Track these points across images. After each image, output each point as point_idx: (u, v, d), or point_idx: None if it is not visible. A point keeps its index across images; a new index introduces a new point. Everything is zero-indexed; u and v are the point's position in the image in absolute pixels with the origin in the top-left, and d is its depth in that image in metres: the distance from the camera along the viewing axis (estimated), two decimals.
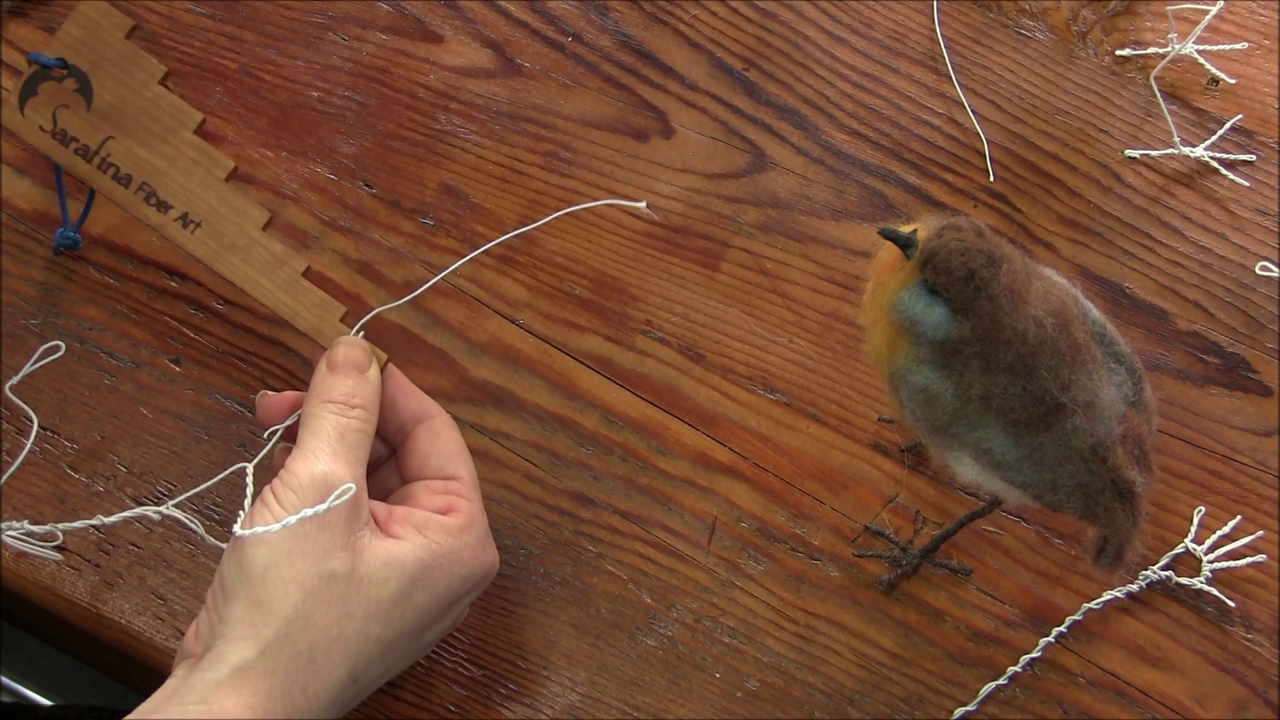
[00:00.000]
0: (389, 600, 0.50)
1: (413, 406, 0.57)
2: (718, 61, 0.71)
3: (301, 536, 0.49)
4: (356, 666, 0.50)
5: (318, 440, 0.52)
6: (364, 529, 0.51)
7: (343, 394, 0.54)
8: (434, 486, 0.55)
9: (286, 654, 0.48)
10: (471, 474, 0.56)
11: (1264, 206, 0.69)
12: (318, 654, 0.48)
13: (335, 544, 0.50)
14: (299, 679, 0.48)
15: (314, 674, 0.48)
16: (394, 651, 0.52)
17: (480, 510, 0.55)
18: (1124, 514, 0.54)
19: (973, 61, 0.71)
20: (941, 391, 0.51)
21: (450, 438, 0.57)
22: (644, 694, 0.60)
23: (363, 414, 0.54)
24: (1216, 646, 0.61)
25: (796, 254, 0.68)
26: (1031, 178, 0.69)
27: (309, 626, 0.48)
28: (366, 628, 0.50)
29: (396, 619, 0.51)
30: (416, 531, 0.52)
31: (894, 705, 0.60)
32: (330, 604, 0.49)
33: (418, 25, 0.71)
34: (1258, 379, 0.66)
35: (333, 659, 0.49)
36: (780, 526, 0.63)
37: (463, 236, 0.68)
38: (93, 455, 0.63)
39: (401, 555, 0.51)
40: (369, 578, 0.50)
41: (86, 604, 0.61)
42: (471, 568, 0.53)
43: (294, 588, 0.48)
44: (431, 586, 0.52)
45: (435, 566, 0.52)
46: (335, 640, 0.49)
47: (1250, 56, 0.71)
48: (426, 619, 0.52)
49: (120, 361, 0.65)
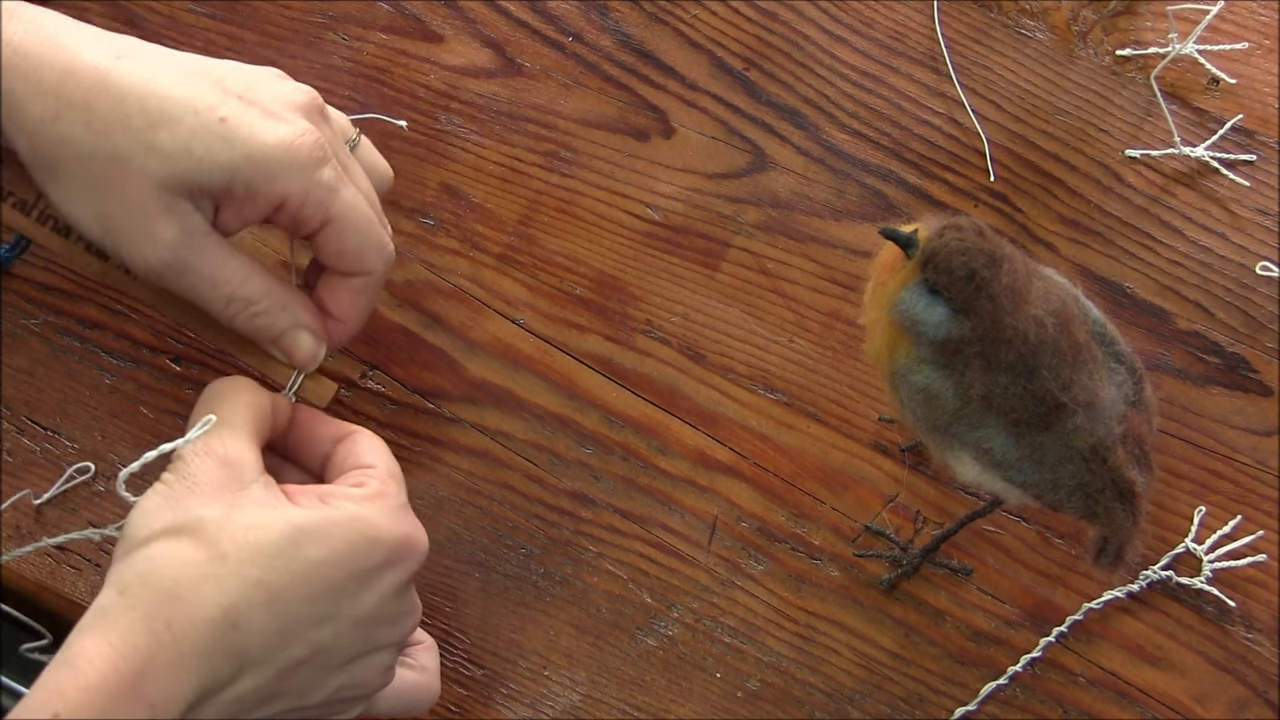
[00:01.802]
0: (270, 545, 0.48)
1: (332, 430, 0.56)
2: (718, 61, 0.71)
3: (168, 495, 0.48)
4: (233, 606, 0.47)
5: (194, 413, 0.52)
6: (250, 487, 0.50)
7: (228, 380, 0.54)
8: (349, 477, 0.53)
9: (148, 590, 0.46)
10: (388, 466, 0.54)
11: (1264, 206, 0.69)
12: (182, 589, 0.46)
13: (207, 496, 0.48)
14: (161, 614, 0.46)
15: (179, 608, 0.46)
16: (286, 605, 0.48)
17: (397, 491, 0.53)
18: (1124, 514, 0.54)
19: (973, 61, 0.71)
20: (942, 391, 0.51)
21: (365, 441, 0.55)
22: (644, 694, 0.60)
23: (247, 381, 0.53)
24: (1217, 646, 0.61)
25: (797, 254, 0.68)
26: (1032, 177, 0.69)
27: (172, 563, 0.47)
28: (242, 569, 0.47)
29: (282, 566, 0.48)
30: (319, 500, 0.50)
31: (894, 705, 0.60)
32: (197, 543, 0.47)
33: (418, 25, 0.71)
34: (1258, 379, 0.66)
35: (201, 594, 0.46)
36: (780, 526, 0.63)
37: (463, 236, 0.68)
38: (93, 455, 0.63)
39: (290, 510, 0.49)
40: (248, 523, 0.48)
41: (86, 604, 0.61)
42: (380, 532, 0.50)
43: (160, 535, 0.47)
44: (328, 543, 0.49)
45: (333, 523, 0.50)
46: (203, 578, 0.47)
47: (1250, 56, 0.71)
48: (330, 580, 0.49)
49: (120, 361, 0.65)
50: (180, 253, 0.52)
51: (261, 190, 0.52)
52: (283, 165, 0.52)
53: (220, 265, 0.53)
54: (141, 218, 0.51)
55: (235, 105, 0.52)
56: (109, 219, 0.51)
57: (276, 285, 0.54)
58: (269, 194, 0.52)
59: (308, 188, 0.52)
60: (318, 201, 0.53)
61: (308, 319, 0.55)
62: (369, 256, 0.55)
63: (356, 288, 0.56)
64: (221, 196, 0.52)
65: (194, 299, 0.53)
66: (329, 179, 0.53)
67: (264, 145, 0.51)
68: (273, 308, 0.54)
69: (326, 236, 0.54)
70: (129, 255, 0.52)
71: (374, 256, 0.55)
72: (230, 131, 0.51)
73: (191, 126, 0.51)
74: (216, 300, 0.53)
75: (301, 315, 0.55)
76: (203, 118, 0.51)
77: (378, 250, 0.55)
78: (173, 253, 0.51)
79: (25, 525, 0.62)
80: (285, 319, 0.55)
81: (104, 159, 0.50)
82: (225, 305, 0.54)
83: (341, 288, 0.56)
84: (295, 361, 0.56)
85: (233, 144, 0.51)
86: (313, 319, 0.56)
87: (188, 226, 0.51)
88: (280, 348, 0.55)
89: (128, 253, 0.52)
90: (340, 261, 0.55)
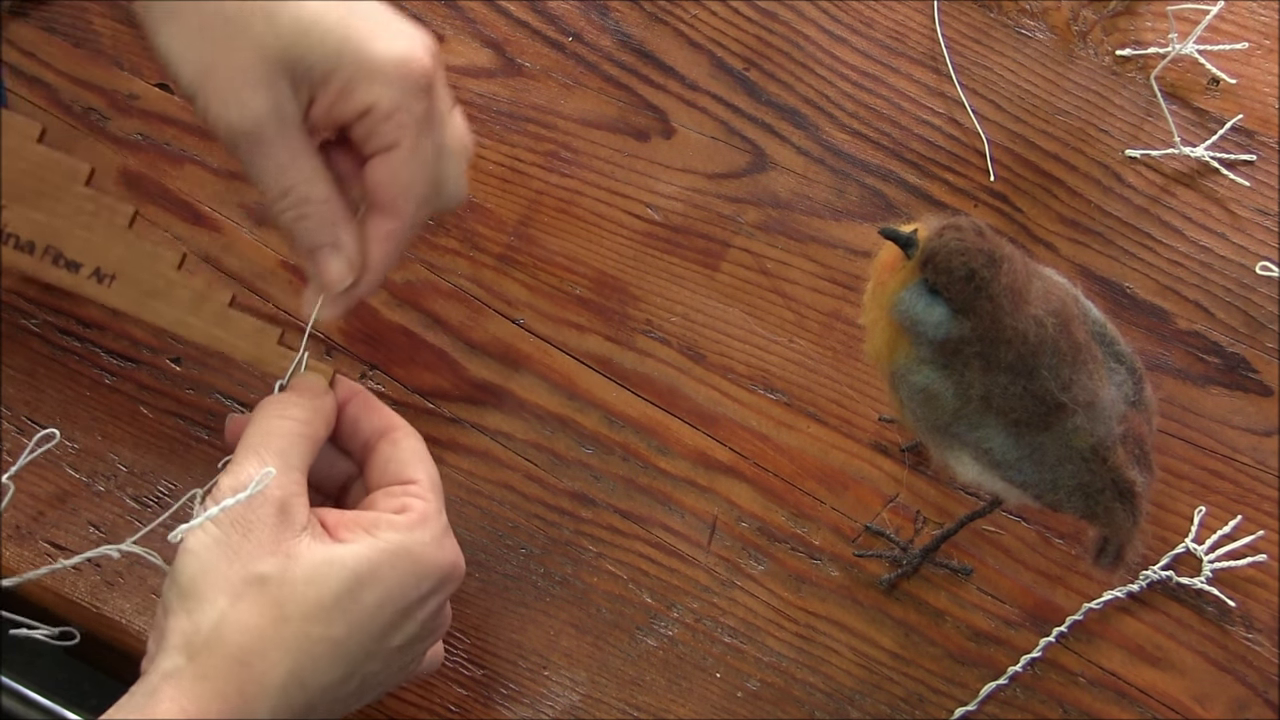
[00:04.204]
0: (330, 599, 0.49)
1: (375, 421, 0.56)
2: (718, 61, 0.71)
3: (225, 544, 0.49)
4: (300, 667, 0.49)
5: (246, 450, 0.51)
6: (301, 533, 0.50)
7: (280, 404, 0.54)
8: (391, 491, 0.54)
9: (217, 657, 0.47)
10: (430, 477, 0.55)
11: (1264, 206, 0.69)
12: (251, 655, 0.48)
13: (263, 549, 0.49)
14: (233, 681, 0.47)
15: (249, 675, 0.48)
16: (348, 653, 0.50)
17: (438, 510, 0.54)
18: (1124, 514, 0.54)
19: (973, 61, 0.71)
20: (942, 391, 0.51)
21: (408, 445, 0.56)
22: (644, 694, 0.60)
23: (301, 413, 0.53)
24: (1217, 646, 0.61)
25: (797, 254, 0.68)
26: (1032, 177, 0.69)
27: (239, 629, 0.48)
28: (306, 628, 0.49)
29: (340, 618, 0.50)
30: (365, 532, 0.51)
31: (894, 705, 0.60)
32: (261, 606, 0.48)
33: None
34: (1258, 379, 0.66)
35: (269, 660, 0.48)
36: (781, 526, 0.63)
37: (463, 236, 0.68)
38: (93, 455, 0.64)
39: (344, 555, 0.50)
40: (306, 579, 0.49)
41: (86, 604, 0.61)
42: (427, 565, 0.52)
43: (221, 593, 0.48)
44: (383, 585, 0.51)
45: (385, 564, 0.51)
46: (270, 641, 0.48)
47: (1251, 56, 0.71)
48: (383, 620, 0.51)
49: (120, 361, 0.65)
50: (265, 127, 0.52)
51: (359, 93, 0.52)
52: (388, 77, 0.52)
53: (294, 155, 0.53)
54: (241, 81, 0.51)
55: (363, 9, 0.53)
56: (210, 72, 0.51)
57: (336, 200, 0.54)
58: (364, 98, 0.52)
59: (400, 105, 0.52)
60: (400, 124, 0.53)
61: (350, 244, 0.55)
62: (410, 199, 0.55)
63: (383, 233, 0.55)
64: (319, 87, 0.52)
65: (256, 179, 0.53)
66: (421, 110, 0.53)
67: (379, 51, 0.52)
68: (324, 219, 0.54)
69: (386, 161, 0.54)
70: (216, 112, 0.52)
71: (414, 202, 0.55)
72: (351, 29, 0.52)
73: (316, 11, 0.51)
74: (275, 187, 0.53)
75: (345, 238, 0.55)
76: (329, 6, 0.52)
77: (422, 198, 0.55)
78: (257, 124, 0.51)
79: (25, 525, 0.62)
80: (329, 234, 0.54)
81: (226, 14, 0.51)
82: (281, 196, 0.53)
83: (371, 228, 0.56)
84: (324, 279, 0.55)
85: (350, 40, 0.51)
86: (354, 247, 0.55)
87: (280, 105, 0.51)
88: (315, 261, 0.55)
89: (216, 110, 0.52)
90: (382, 192, 0.54)
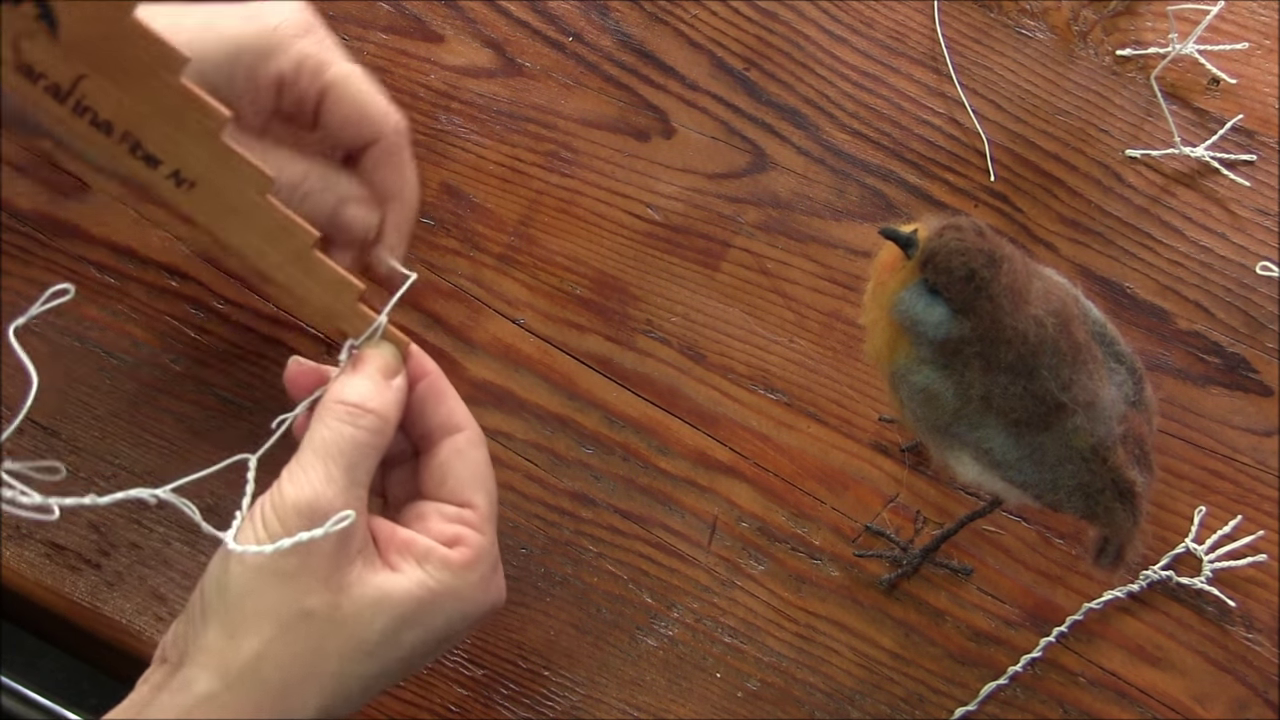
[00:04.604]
0: (373, 640, 0.48)
1: (442, 415, 0.54)
2: (718, 61, 0.71)
3: (281, 568, 0.47)
4: (332, 703, 0.48)
5: (314, 455, 0.49)
6: (355, 560, 0.48)
7: (358, 397, 0.50)
8: (446, 512, 0.52)
9: (254, 689, 0.47)
10: (490, 502, 0.53)
11: (1264, 206, 0.69)
12: (290, 689, 0.47)
13: (317, 579, 0.47)
14: (265, 712, 0.47)
15: (285, 706, 0.47)
16: (376, 685, 0.50)
17: (491, 543, 0.52)
18: (1125, 514, 0.54)
19: (973, 61, 0.71)
20: (942, 391, 0.51)
21: (475, 458, 0.53)
22: (644, 694, 0.60)
23: (375, 422, 0.50)
24: (1217, 646, 0.61)
25: (797, 254, 0.68)
26: (1032, 177, 0.69)
27: (279, 665, 0.47)
28: (344, 667, 0.48)
29: (380, 657, 0.48)
30: (416, 565, 0.49)
31: (894, 705, 0.60)
32: (306, 641, 0.47)
33: (418, 25, 0.71)
34: (1258, 379, 0.66)
35: (305, 695, 0.47)
36: (781, 526, 0.63)
37: (463, 236, 0.68)
38: (93, 455, 0.63)
39: (394, 593, 0.48)
40: (354, 617, 0.48)
41: (87, 604, 0.61)
42: (472, 606, 0.51)
43: (268, 622, 0.47)
44: (426, 624, 0.49)
45: (431, 604, 0.49)
46: (308, 677, 0.47)
47: (1251, 56, 0.71)
48: (416, 655, 0.50)
49: (120, 361, 0.65)
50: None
51: (261, 74, 0.53)
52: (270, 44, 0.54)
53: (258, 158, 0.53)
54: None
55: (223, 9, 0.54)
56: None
57: (315, 165, 0.55)
58: (268, 75, 0.53)
59: (298, 59, 0.54)
60: (311, 71, 0.54)
61: (353, 190, 0.55)
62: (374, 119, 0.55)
63: (378, 158, 0.56)
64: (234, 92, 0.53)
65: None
66: (314, 48, 0.54)
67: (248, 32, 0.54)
68: (314, 187, 0.54)
69: (328, 108, 0.55)
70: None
71: (380, 119, 0.55)
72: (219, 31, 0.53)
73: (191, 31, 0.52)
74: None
75: (346, 187, 0.55)
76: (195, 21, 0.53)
77: (383, 113, 0.56)
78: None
79: (25, 525, 0.62)
80: (329, 196, 0.54)
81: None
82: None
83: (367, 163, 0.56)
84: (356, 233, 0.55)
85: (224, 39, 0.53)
86: (357, 189, 0.56)
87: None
88: (336, 226, 0.55)
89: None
90: (348, 130, 0.55)
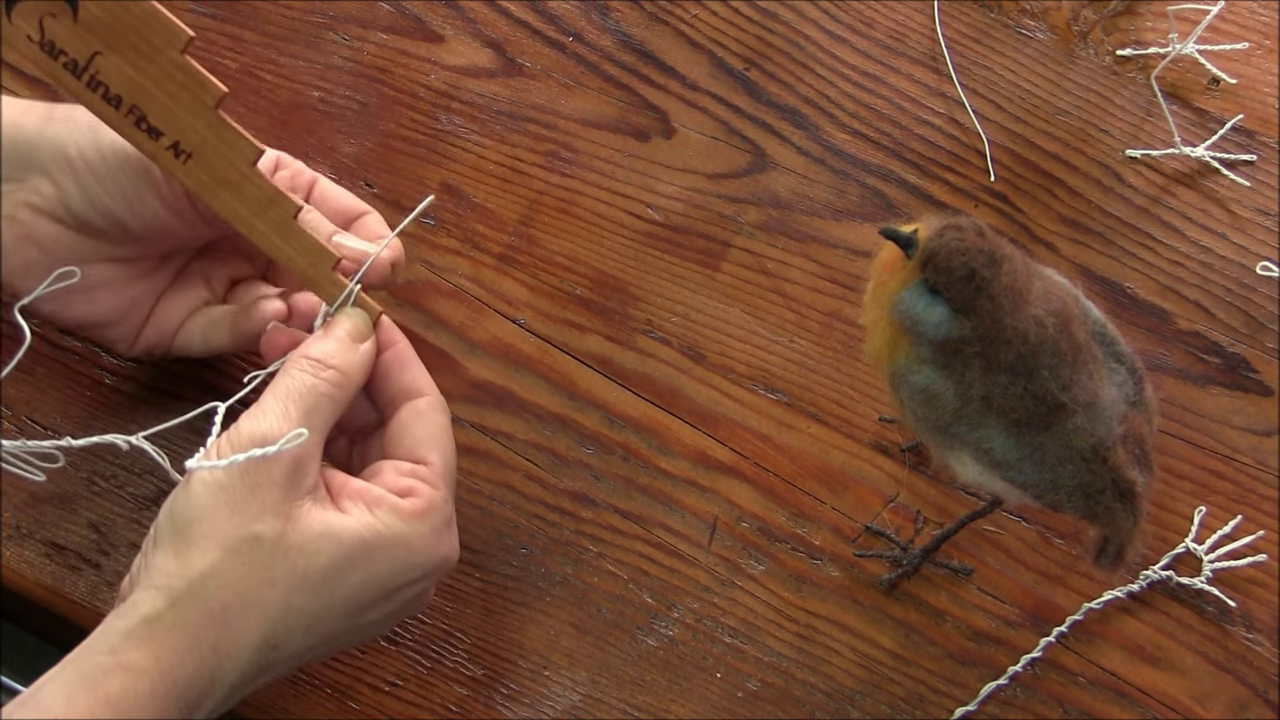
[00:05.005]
0: (317, 573, 0.49)
1: (405, 381, 0.55)
2: (719, 61, 0.71)
3: (231, 494, 0.48)
4: (275, 633, 0.48)
5: (274, 398, 0.51)
6: (305, 497, 0.50)
7: (321, 353, 0.52)
8: (401, 468, 0.53)
9: (198, 610, 0.47)
10: (445, 462, 0.54)
11: (1264, 206, 0.69)
12: (231, 614, 0.47)
13: (266, 508, 0.48)
14: (209, 636, 0.47)
15: (226, 633, 0.47)
16: (322, 626, 0.50)
17: (445, 500, 0.53)
18: (1125, 514, 0.54)
19: (973, 61, 0.71)
20: (942, 391, 0.51)
21: (433, 420, 0.55)
22: (645, 694, 0.60)
23: (335, 376, 0.52)
24: (1217, 646, 0.61)
25: (797, 254, 0.68)
26: (1032, 177, 0.69)
27: (224, 586, 0.47)
28: (289, 597, 0.48)
29: (325, 593, 0.49)
30: (366, 509, 0.50)
31: (894, 705, 0.60)
32: (251, 567, 0.48)
33: (418, 25, 0.71)
34: (1258, 379, 0.66)
35: (248, 621, 0.48)
36: (781, 526, 0.63)
37: (463, 236, 0.68)
38: (93, 455, 0.63)
39: (340, 530, 0.49)
40: (299, 547, 0.49)
41: (87, 604, 0.61)
42: (420, 556, 0.51)
43: (214, 544, 0.48)
44: (370, 567, 0.50)
45: (377, 548, 0.50)
46: (252, 604, 0.48)
47: (1251, 56, 0.71)
48: (362, 600, 0.51)
49: (120, 361, 0.65)
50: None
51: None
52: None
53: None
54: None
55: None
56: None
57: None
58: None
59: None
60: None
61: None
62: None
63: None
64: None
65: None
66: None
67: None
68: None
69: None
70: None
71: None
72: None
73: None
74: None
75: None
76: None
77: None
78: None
79: (25, 525, 0.62)
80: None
81: None
82: None
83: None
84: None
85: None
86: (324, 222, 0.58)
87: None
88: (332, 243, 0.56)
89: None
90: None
